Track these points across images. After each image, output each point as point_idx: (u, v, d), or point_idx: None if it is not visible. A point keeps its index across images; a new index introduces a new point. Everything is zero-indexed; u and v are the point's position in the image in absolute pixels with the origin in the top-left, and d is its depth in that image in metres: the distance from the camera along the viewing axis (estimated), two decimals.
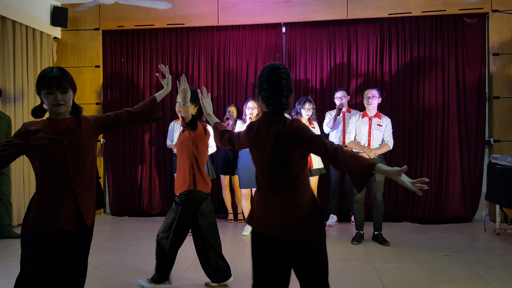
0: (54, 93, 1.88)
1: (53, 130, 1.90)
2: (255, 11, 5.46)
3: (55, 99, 1.88)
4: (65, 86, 1.91)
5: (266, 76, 1.93)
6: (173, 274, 3.33)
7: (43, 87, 1.89)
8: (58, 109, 1.91)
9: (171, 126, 5.37)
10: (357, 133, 4.34)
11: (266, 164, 1.79)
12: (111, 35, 5.84)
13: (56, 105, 1.90)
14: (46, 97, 1.89)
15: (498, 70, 5.10)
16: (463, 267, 3.46)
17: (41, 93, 1.90)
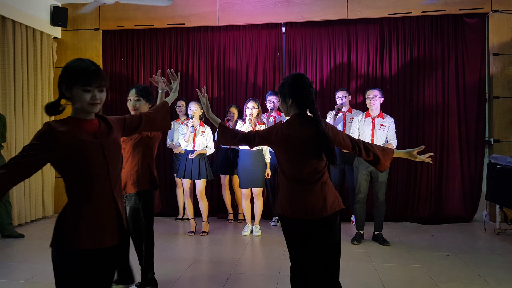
0: (92, 90, 1.63)
1: (86, 132, 1.64)
2: (255, 11, 5.46)
3: (93, 97, 1.62)
4: (104, 83, 1.68)
5: (303, 82, 2.14)
6: (173, 274, 3.33)
7: (80, 83, 1.60)
8: (94, 109, 1.65)
9: (171, 126, 5.37)
10: (360, 133, 4.33)
11: (301, 160, 2.06)
12: (111, 35, 5.84)
13: (93, 104, 1.63)
14: (81, 94, 1.60)
15: (498, 70, 5.10)
16: (463, 267, 3.46)
17: (74, 89, 1.61)
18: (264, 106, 5.33)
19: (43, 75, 5.50)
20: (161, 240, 4.41)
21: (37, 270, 3.13)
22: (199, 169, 4.54)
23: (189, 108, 4.64)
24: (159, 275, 3.31)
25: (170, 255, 3.89)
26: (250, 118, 4.49)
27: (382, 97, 4.32)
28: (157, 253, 3.91)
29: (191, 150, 4.56)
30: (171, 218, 5.56)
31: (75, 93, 1.61)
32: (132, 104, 2.78)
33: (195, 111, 4.56)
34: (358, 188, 4.28)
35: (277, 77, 5.55)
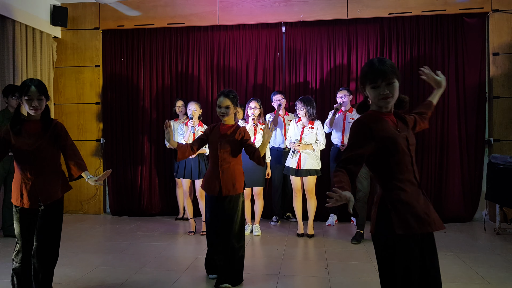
0: (380, 86, 1.78)
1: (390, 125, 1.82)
2: (255, 11, 5.46)
3: (381, 93, 1.78)
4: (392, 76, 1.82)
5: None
6: (173, 274, 3.33)
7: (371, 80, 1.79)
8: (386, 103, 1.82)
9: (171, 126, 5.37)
10: None
11: (410, 155, 1.79)
12: (111, 34, 5.84)
13: (384, 98, 1.80)
14: (371, 91, 1.80)
15: (498, 70, 5.10)
16: (463, 267, 3.46)
17: (367, 87, 1.80)
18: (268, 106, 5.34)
19: (43, 75, 5.50)
20: (161, 240, 4.41)
21: None
22: (199, 168, 4.54)
23: (188, 108, 4.63)
24: (160, 275, 3.31)
25: (170, 255, 3.89)
26: (254, 118, 4.49)
27: None
28: (157, 253, 3.92)
29: None
30: (171, 218, 5.56)
31: (370, 91, 1.83)
32: (34, 104, 2.56)
33: (195, 111, 4.55)
34: (358, 186, 4.28)
35: (277, 76, 5.54)
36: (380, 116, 1.80)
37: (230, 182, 3.10)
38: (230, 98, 3.14)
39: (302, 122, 4.49)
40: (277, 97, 4.97)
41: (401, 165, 1.75)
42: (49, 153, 2.61)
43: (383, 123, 1.77)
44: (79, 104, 5.84)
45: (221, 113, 3.14)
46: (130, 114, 5.79)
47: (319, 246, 4.15)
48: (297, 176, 4.45)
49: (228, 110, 3.13)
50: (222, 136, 3.13)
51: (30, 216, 2.63)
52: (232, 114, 3.18)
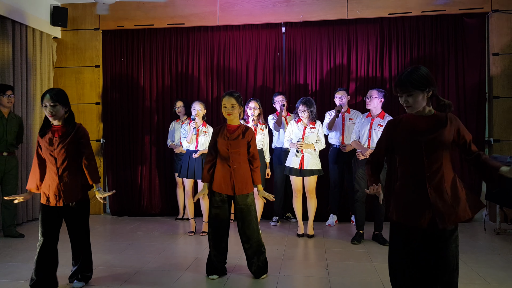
0: (402, 96, 2.09)
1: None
2: (255, 11, 5.46)
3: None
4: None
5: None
6: (173, 274, 3.33)
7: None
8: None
9: (172, 126, 5.37)
10: (360, 132, 4.33)
11: (422, 153, 2.06)
12: (111, 35, 5.84)
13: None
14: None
15: (498, 70, 5.10)
16: (463, 267, 3.45)
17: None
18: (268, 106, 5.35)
19: (42, 75, 5.50)
20: (161, 240, 4.41)
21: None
22: (202, 168, 4.50)
23: (192, 108, 4.59)
24: (160, 275, 3.31)
25: (170, 255, 3.89)
26: (254, 119, 4.49)
27: (381, 98, 4.29)
28: (157, 253, 3.92)
29: (194, 150, 4.54)
30: (171, 218, 5.56)
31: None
32: (49, 111, 2.76)
33: (199, 111, 4.53)
34: (356, 187, 4.28)
35: (277, 77, 5.55)
36: (405, 118, 2.13)
37: (243, 181, 3.20)
38: (235, 97, 3.20)
39: (303, 123, 4.47)
40: (278, 98, 4.97)
41: (405, 160, 2.05)
42: (69, 156, 2.82)
43: (402, 126, 2.09)
44: (79, 104, 5.84)
45: (227, 112, 3.19)
46: (130, 114, 5.79)
47: (319, 246, 4.15)
48: (300, 176, 4.43)
49: (234, 109, 3.18)
50: (230, 136, 3.19)
51: (56, 213, 2.89)
52: (237, 114, 3.23)
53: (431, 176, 1.98)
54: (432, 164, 1.98)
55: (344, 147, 4.86)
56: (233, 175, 3.18)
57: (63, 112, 2.83)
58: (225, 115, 3.22)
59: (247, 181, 3.23)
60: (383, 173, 4.26)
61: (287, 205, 5.29)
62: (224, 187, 3.19)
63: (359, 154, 4.23)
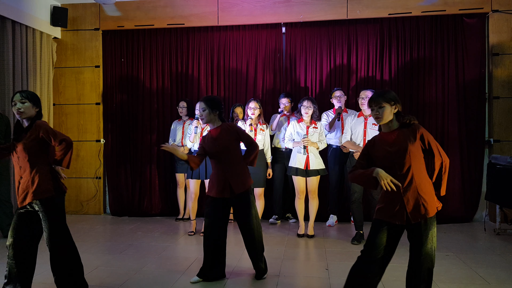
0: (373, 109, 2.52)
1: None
2: (255, 11, 5.46)
3: None
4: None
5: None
6: (173, 274, 3.33)
7: None
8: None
9: (173, 126, 5.37)
10: (353, 133, 4.34)
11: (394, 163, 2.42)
12: (111, 35, 5.84)
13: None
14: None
15: (498, 70, 5.10)
16: (463, 267, 3.46)
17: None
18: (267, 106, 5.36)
19: (42, 76, 5.50)
20: (161, 241, 4.41)
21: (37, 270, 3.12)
22: (206, 168, 4.49)
23: (196, 108, 4.60)
24: (160, 275, 3.31)
25: (170, 255, 3.89)
26: (251, 124, 4.49)
27: None
28: (157, 253, 3.92)
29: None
30: (171, 218, 5.56)
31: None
32: (17, 107, 2.67)
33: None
34: (353, 188, 4.28)
35: (277, 77, 5.54)
36: (378, 136, 2.49)
37: (239, 179, 3.15)
38: (205, 102, 3.18)
39: (305, 122, 4.47)
40: (282, 101, 4.99)
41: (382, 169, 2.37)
42: (31, 154, 2.65)
43: (377, 142, 2.45)
44: (79, 104, 5.85)
45: (200, 116, 3.25)
46: (130, 114, 5.79)
47: (319, 246, 4.15)
48: (306, 177, 4.42)
49: (204, 112, 3.17)
50: (215, 139, 3.16)
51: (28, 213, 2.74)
52: (211, 117, 3.18)
53: (402, 178, 2.32)
54: (402, 168, 2.33)
55: (345, 148, 4.86)
56: (228, 177, 3.13)
57: (33, 112, 2.69)
58: (201, 119, 3.24)
59: (243, 179, 3.18)
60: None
61: (287, 205, 5.29)
62: (222, 190, 3.14)
63: (357, 154, 4.23)
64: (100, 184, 5.84)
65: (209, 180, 3.31)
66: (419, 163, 2.38)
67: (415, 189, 2.32)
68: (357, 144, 4.29)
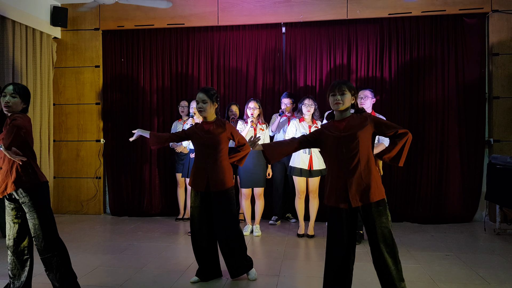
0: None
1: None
2: (255, 11, 5.46)
3: None
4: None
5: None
6: (173, 274, 3.33)
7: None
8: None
9: (174, 126, 5.36)
10: None
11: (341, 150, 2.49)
12: (111, 35, 5.84)
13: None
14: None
15: (498, 70, 5.10)
16: (463, 267, 3.46)
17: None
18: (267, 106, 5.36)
19: (42, 75, 5.50)
20: (161, 241, 4.41)
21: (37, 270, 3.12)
22: None
23: (191, 106, 4.62)
24: (160, 275, 3.31)
25: (170, 255, 3.89)
26: (252, 120, 4.49)
27: (374, 98, 4.33)
28: (157, 253, 3.92)
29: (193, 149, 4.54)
30: (171, 218, 5.56)
31: None
32: (6, 100, 2.61)
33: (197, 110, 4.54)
34: None
35: (277, 77, 5.55)
36: (330, 122, 2.62)
37: (218, 177, 3.08)
38: (206, 92, 3.12)
39: (307, 121, 4.46)
40: (284, 101, 5.00)
41: (330, 153, 2.51)
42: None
43: (329, 127, 2.58)
44: (79, 104, 5.85)
45: (198, 108, 3.13)
46: (130, 114, 5.79)
47: (319, 246, 4.15)
48: (310, 177, 4.41)
49: (205, 105, 3.10)
50: (206, 131, 3.12)
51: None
52: (210, 110, 3.13)
53: (348, 162, 2.40)
54: (349, 152, 2.40)
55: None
56: (208, 172, 3.08)
57: (20, 108, 2.65)
58: (198, 111, 3.16)
59: (223, 177, 3.09)
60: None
61: (287, 205, 5.29)
62: (199, 183, 3.10)
63: None
64: (100, 184, 5.84)
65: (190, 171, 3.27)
66: (367, 150, 2.43)
67: (359, 174, 2.38)
68: None
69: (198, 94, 3.14)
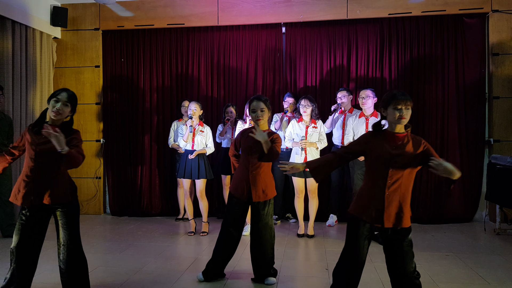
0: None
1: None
2: (255, 11, 5.46)
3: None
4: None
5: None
6: (173, 274, 3.33)
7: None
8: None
9: (174, 126, 5.35)
10: (355, 134, 4.33)
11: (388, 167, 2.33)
12: (111, 35, 5.84)
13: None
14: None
15: (498, 70, 5.10)
16: (463, 267, 3.46)
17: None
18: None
19: (42, 75, 5.50)
20: (161, 240, 4.41)
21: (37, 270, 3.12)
22: (199, 168, 4.53)
23: (189, 107, 4.64)
24: (160, 275, 3.31)
25: (170, 255, 3.89)
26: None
27: (375, 97, 4.33)
28: (157, 253, 3.92)
29: (190, 150, 4.55)
30: (171, 218, 5.56)
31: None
32: (59, 107, 2.56)
33: (195, 111, 4.56)
34: (354, 188, 4.28)
35: (277, 77, 5.55)
36: (382, 133, 2.37)
37: (260, 188, 3.08)
38: (263, 101, 3.11)
39: (305, 122, 4.46)
40: (289, 100, 5.00)
41: (371, 169, 2.37)
42: (52, 158, 2.53)
43: (381, 138, 2.34)
44: (79, 104, 5.73)
45: (256, 117, 3.08)
46: (130, 114, 5.79)
47: (319, 246, 4.15)
48: (306, 177, 4.40)
49: (263, 113, 3.09)
50: (255, 141, 3.03)
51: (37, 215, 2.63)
52: (266, 118, 3.15)
53: (391, 184, 2.27)
54: (394, 174, 2.27)
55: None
56: (251, 181, 3.07)
57: (66, 116, 2.64)
58: (255, 120, 3.10)
59: (265, 188, 3.09)
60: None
61: (287, 205, 5.29)
62: (241, 192, 3.09)
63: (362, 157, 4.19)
64: (100, 184, 5.84)
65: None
66: (410, 175, 2.31)
67: (397, 197, 2.28)
68: None
69: (254, 102, 3.11)
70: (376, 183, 2.31)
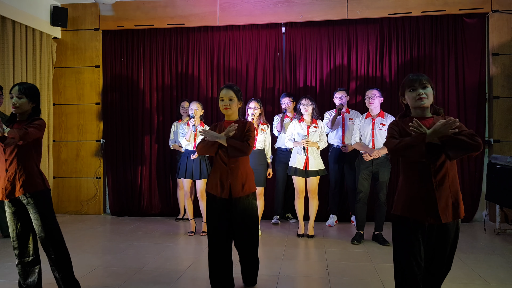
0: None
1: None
2: (255, 11, 5.46)
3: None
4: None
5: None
6: (173, 274, 3.33)
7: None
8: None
9: (174, 127, 5.35)
10: (362, 134, 4.32)
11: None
12: (111, 35, 5.84)
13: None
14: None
15: (498, 70, 5.10)
16: (463, 267, 3.46)
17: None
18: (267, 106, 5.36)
19: (42, 75, 5.50)
20: (161, 241, 4.41)
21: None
22: (200, 168, 4.53)
23: (190, 107, 4.62)
24: (160, 275, 3.31)
25: (170, 255, 3.89)
26: (253, 118, 4.49)
27: (382, 97, 4.31)
28: (157, 254, 3.92)
29: (192, 150, 4.55)
30: (171, 218, 5.56)
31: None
32: (13, 101, 2.64)
33: (197, 110, 4.55)
34: (359, 187, 4.27)
35: (277, 77, 5.54)
36: (408, 119, 2.23)
37: (240, 182, 2.86)
38: (234, 90, 2.92)
39: (306, 122, 4.46)
40: (285, 100, 4.99)
41: (409, 162, 2.15)
42: (20, 148, 2.59)
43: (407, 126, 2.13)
44: (79, 104, 5.85)
45: (224, 105, 2.88)
46: (130, 114, 5.79)
47: (319, 246, 4.15)
48: (305, 177, 4.40)
49: (232, 102, 2.89)
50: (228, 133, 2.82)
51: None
52: (235, 108, 2.94)
53: (436, 171, 2.07)
54: (436, 160, 2.08)
55: (345, 147, 4.86)
56: (229, 176, 2.84)
57: (28, 108, 2.66)
58: (222, 109, 2.91)
59: (244, 182, 2.88)
60: (387, 172, 4.23)
61: (287, 205, 5.29)
62: (219, 189, 2.85)
63: (366, 156, 4.19)
64: (100, 184, 5.84)
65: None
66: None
67: (447, 185, 2.07)
68: (366, 145, 4.28)
69: (223, 91, 2.90)
70: (416, 175, 2.10)
